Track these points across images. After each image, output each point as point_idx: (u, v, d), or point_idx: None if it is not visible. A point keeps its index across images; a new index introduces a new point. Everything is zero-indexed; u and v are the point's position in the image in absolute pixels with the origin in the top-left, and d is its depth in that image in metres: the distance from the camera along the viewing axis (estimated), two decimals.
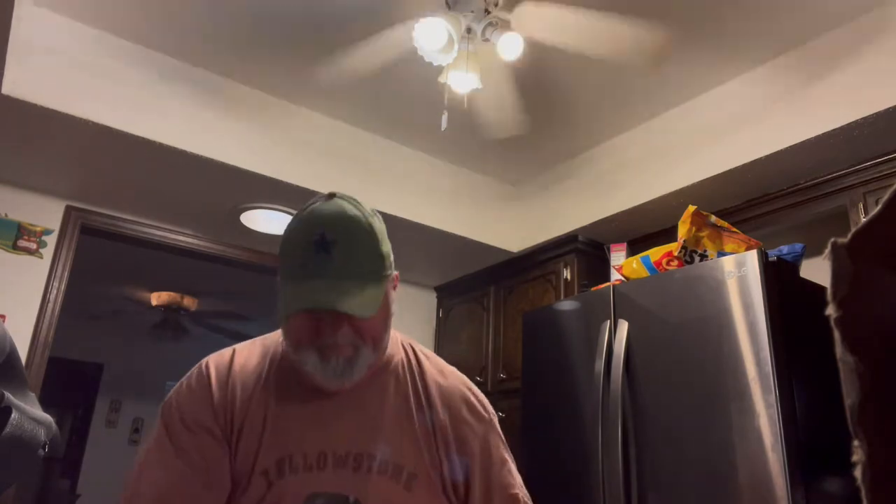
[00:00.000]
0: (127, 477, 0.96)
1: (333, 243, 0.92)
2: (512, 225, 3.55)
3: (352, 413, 1.00)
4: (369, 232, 0.96)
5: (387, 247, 1.00)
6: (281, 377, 1.02)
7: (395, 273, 1.03)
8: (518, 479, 1.10)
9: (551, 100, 2.85)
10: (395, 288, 1.03)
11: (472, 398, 1.09)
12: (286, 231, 0.98)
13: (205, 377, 1.01)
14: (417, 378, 1.07)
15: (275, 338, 1.08)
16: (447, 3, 2.22)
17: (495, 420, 1.12)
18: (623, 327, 2.26)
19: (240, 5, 2.39)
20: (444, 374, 1.10)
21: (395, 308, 1.03)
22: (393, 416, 1.02)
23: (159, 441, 0.97)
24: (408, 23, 2.27)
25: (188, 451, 0.95)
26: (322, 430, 0.99)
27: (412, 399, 1.04)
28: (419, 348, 1.13)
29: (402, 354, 1.09)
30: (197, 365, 1.04)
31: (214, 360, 1.04)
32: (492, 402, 1.18)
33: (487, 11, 2.19)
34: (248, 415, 0.98)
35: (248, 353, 1.06)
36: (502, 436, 1.12)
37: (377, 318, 0.97)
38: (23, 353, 2.70)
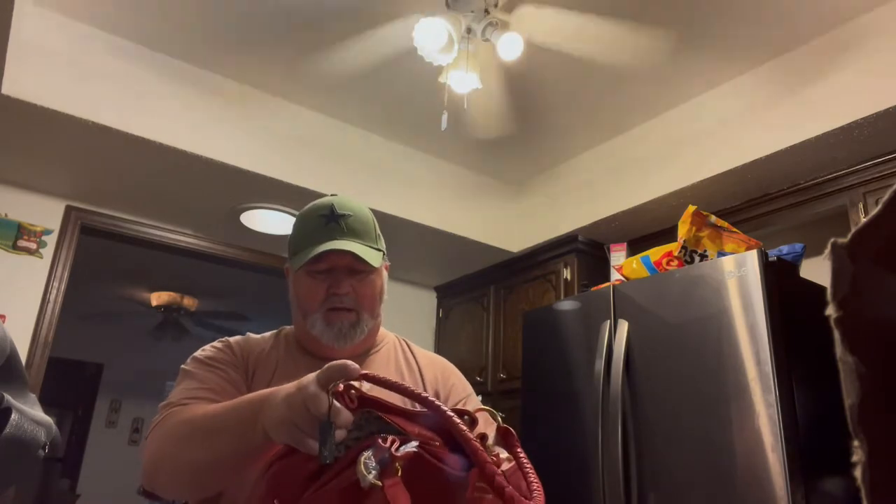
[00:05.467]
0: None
1: (342, 216, 1.13)
2: (512, 225, 3.55)
3: None
4: (369, 216, 1.18)
5: (379, 232, 1.19)
6: (290, 349, 1.18)
7: (387, 263, 1.22)
8: None
9: (551, 100, 2.85)
10: (387, 270, 1.22)
11: (457, 371, 1.27)
12: (297, 218, 1.18)
13: (225, 340, 1.17)
14: (407, 351, 1.25)
15: (280, 329, 1.24)
16: (447, 3, 2.22)
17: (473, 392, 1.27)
18: (623, 327, 2.26)
19: (240, 5, 2.39)
20: (432, 354, 1.30)
21: (386, 295, 1.20)
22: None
23: (182, 374, 1.08)
24: (408, 22, 2.27)
25: (212, 370, 1.08)
26: None
27: (403, 365, 1.21)
28: (409, 341, 1.31)
29: (394, 338, 1.28)
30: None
31: (230, 338, 1.20)
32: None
33: (487, 11, 2.19)
34: (260, 366, 1.13)
35: (262, 336, 1.22)
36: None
37: (374, 287, 1.15)
38: (23, 353, 2.70)
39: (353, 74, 2.72)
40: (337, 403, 0.71)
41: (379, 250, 1.16)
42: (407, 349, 1.26)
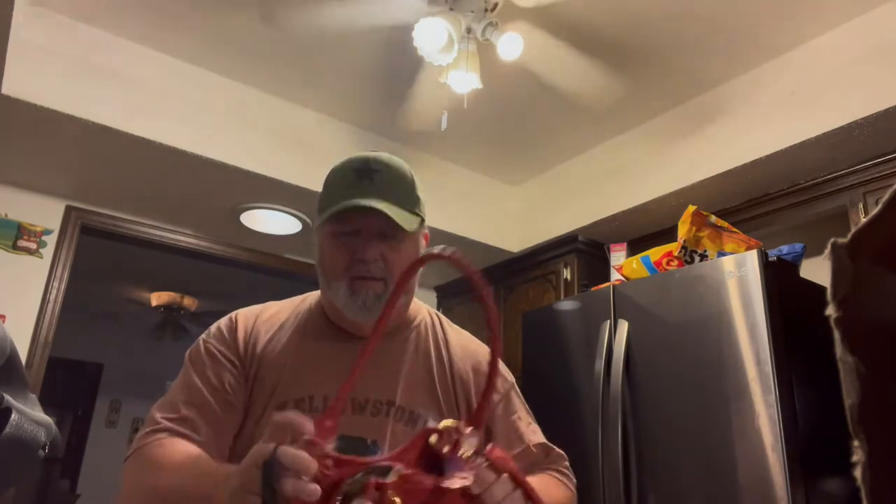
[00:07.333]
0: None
1: (376, 171, 0.99)
2: (512, 225, 3.55)
3: (373, 363, 1.02)
4: (408, 174, 1.04)
5: (421, 195, 1.06)
6: (309, 325, 1.08)
7: (426, 232, 1.09)
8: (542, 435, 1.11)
9: (551, 100, 2.85)
10: (426, 241, 1.09)
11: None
12: (331, 171, 1.06)
13: (233, 320, 1.07)
14: (440, 336, 1.12)
15: (306, 297, 1.14)
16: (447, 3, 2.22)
17: (515, 385, 1.16)
18: (623, 327, 2.26)
19: (239, 6, 2.39)
20: (467, 337, 1.16)
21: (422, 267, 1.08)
22: (413, 368, 1.06)
23: (183, 371, 1.03)
24: (409, 23, 2.26)
25: (208, 377, 1.00)
26: (343, 377, 1.01)
27: (433, 354, 1.08)
28: (444, 317, 1.18)
29: (427, 316, 1.14)
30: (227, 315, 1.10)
31: (243, 310, 1.10)
32: None
33: (488, 11, 2.18)
34: (270, 351, 1.03)
35: (280, 307, 1.12)
36: (523, 400, 1.15)
37: (407, 256, 1.01)
38: (23, 353, 2.70)
39: (354, 75, 2.71)
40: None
41: (417, 214, 1.02)
42: (440, 332, 1.12)
